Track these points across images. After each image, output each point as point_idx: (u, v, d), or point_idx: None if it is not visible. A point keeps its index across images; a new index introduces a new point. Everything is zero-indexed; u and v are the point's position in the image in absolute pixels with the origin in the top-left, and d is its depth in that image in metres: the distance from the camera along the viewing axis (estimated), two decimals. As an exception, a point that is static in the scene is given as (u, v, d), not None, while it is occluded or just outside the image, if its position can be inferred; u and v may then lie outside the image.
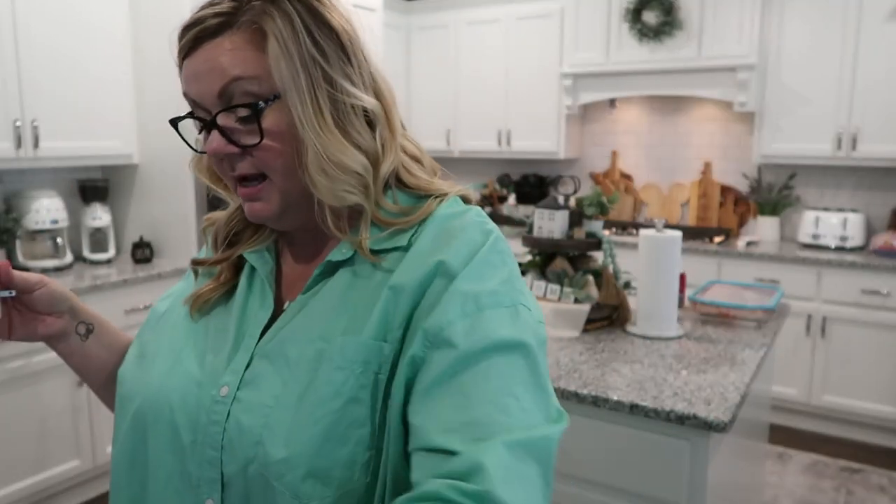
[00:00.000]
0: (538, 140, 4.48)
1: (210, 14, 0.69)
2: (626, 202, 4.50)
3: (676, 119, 4.33)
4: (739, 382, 1.62)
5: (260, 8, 0.68)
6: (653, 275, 1.99)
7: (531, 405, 0.62)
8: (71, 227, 3.20)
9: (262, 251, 0.80)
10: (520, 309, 0.68)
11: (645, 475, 1.55)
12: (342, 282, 0.73)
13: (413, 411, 0.63)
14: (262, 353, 0.73)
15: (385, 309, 0.68)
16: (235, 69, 0.68)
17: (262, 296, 0.78)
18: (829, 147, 3.60)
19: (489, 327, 0.64)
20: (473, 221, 0.73)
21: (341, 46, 0.71)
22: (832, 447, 3.42)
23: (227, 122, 0.70)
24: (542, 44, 4.36)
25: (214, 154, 0.71)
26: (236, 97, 0.69)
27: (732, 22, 3.68)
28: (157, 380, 0.76)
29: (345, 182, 0.70)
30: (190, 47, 0.70)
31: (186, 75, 0.71)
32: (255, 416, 0.68)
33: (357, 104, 0.71)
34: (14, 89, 2.73)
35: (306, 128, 0.68)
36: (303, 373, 0.69)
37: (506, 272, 0.70)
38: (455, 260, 0.68)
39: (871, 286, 3.34)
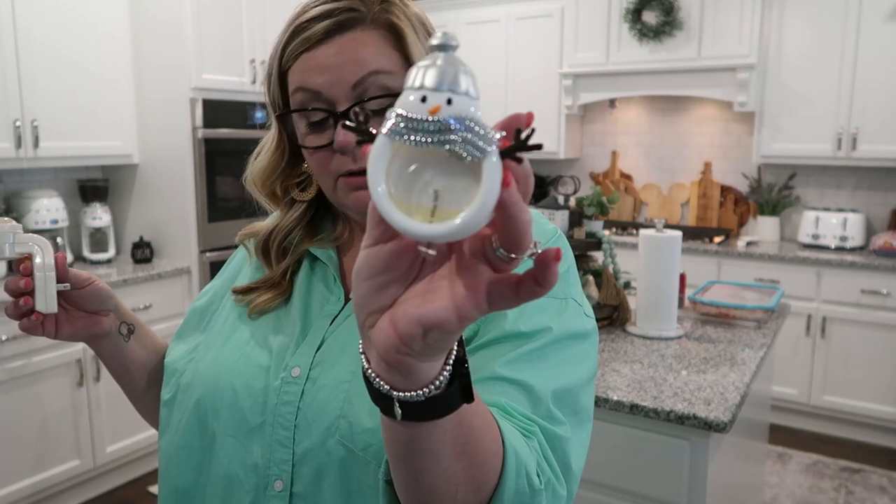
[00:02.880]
0: (538, 140, 4.47)
1: (334, 9, 0.70)
2: (626, 202, 4.50)
3: (676, 119, 4.33)
4: (739, 382, 1.62)
5: (383, 7, 0.71)
6: (653, 275, 1.99)
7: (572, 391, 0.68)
8: (71, 227, 3.20)
9: (328, 249, 0.82)
10: (569, 303, 0.72)
11: (645, 475, 1.55)
12: None
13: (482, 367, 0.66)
14: (332, 336, 0.75)
15: None
16: (374, 62, 0.69)
17: (329, 289, 0.79)
18: (829, 147, 3.60)
19: (536, 314, 0.68)
20: (539, 219, 0.78)
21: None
22: (832, 447, 3.42)
23: (357, 112, 0.71)
24: (542, 44, 4.36)
25: (343, 146, 0.70)
26: (370, 91, 0.70)
27: (732, 22, 3.68)
28: (218, 368, 0.78)
29: None
30: (322, 38, 0.70)
31: (311, 67, 0.70)
32: (333, 392, 0.70)
33: None
34: (14, 89, 2.73)
35: None
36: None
37: (565, 265, 0.74)
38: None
39: (871, 286, 3.34)
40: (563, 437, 0.65)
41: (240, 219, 3.19)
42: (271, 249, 0.83)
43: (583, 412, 0.69)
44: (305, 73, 0.71)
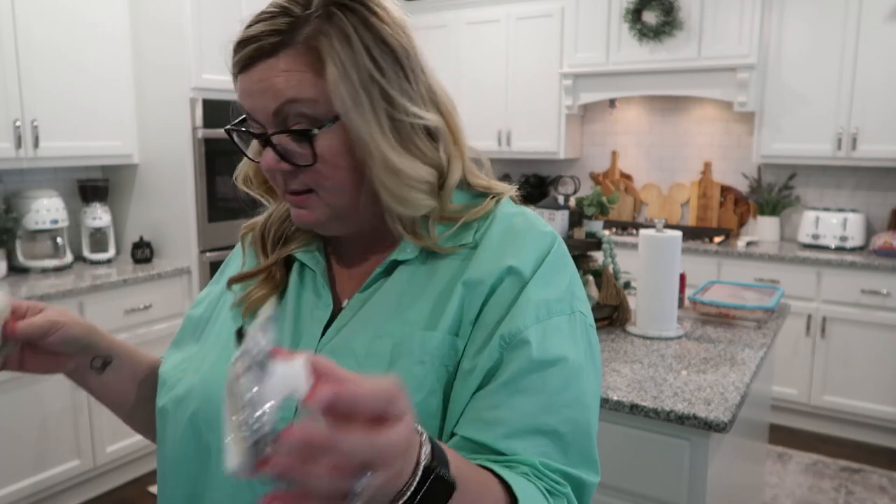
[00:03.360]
0: (538, 140, 4.48)
1: (266, 31, 0.68)
2: (626, 202, 4.50)
3: (676, 119, 4.33)
4: (739, 382, 1.62)
5: (316, 27, 0.68)
6: (653, 275, 1.99)
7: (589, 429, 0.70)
8: (71, 227, 3.20)
9: (314, 252, 0.81)
10: (577, 316, 0.73)
11: (645, 475, 1.55)
12: (402, 279, 0.75)
13: (482, 408, 0.67)
14: (325, 349, 0.74)
15: (461, 304, 0.71)
16: (290, 91, 0.67)
17: (318, 294, 0.78)
18: (829, 147, 3.61)
19: (557, 337, 0.70)
20: (535, 222, 0.78)
21: (398, 62, 0.70)
22: (832, 447, 3.42)
23: (281, 141, 0.70)
24: (542, 44, 4.36)
25: (268, 169, 0.72)
26: (291, 118, 0.69)
27: (732, 22, 3.68)
28: (213, 381, 0.76)
29: (420, 189, 0.72)
30: (245, 64, 0.69)
31: (241, 89, 0.71)
32: None
33: (417, 122, 0.71)
34: (14, 89, 2.73)
35: (372, 148, 0.68)
36: (375, 366, 0.70)
37: (568, 277, 0.75)
38: (526, 265, 0.72)
39: (871, 286, 3.34)
40: (589, 484, 0.69)
41: (239, 219, 3.17)
42: (267, 239, 0.83)
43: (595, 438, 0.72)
44: (240, 94, 0.71)
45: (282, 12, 0.68)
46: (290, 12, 0.68)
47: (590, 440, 0.70)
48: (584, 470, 0.68)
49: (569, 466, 0.67)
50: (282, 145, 0.70)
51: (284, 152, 0.70)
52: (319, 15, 0.68)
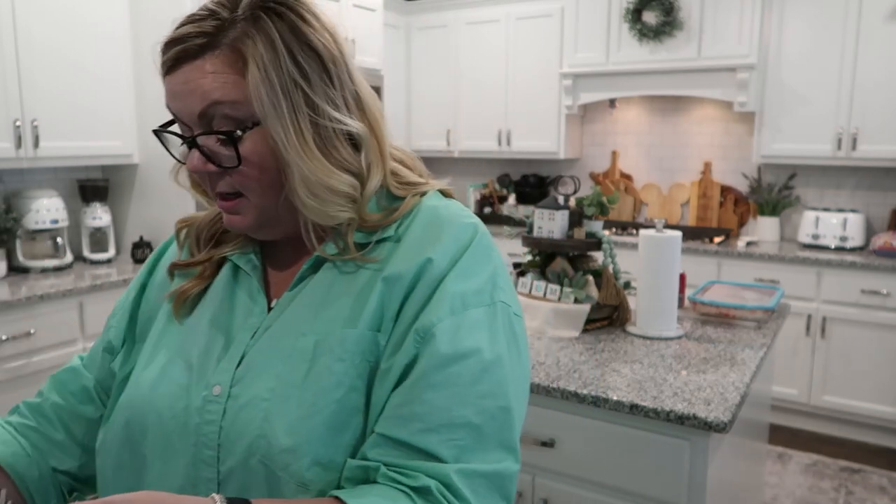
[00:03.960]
0: (538, 140, 4.48)
1: (193, 32, 0.68)
2: (626, 202, 4.50)
3: (676, 119, 4.33)
4: (739, 382, 1.62)
5: (242, 30, 0.68)
6: (653, 275, 1.99)
7: (506, 419, 0.70)
8: (71, 227, 3.20)
9: (249, 254, 0.81)
10: (498, 307, 0.73)
11: (645, 475, 1.55)
12: (327, 277, 0.75)
13: (397, 405, 0.68)
14: (252, 350, 0.74)
15: (381, 300, 0.71)
16: (215, 93, 0.68)
17: (252, 299, 0.79)
18: (829, 147, 3.60)
19: (471, 330, 0.70)
20: (458, 213, 0.77)
21: (324, 68, 0.71)
22: (832, 447, 3.42)
23: (206, 143, 0.70)
24: (542, 44, 4.36)
25: (194, 171, 0.73)
26: (216, 120, 0.69)
27: (732, 22, 3.68)
28: (142, 390, 0.77)
29: (334, 203, 0.72)
30: (171, 65, 0.70)
31: (168, 90, 0.71)
32: (253, 410, 0.70)
33: (340, 128, 0.71)
34: (14, 89, 2.73)
35: (290, 153, 0.69)
36: (298, 365, 0.71)
37: (490, 268, 0.74)
38: (444, 258, 0.72)
39: (871, 286, 3.34)
40: (508, 473, 0.69)
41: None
42: (201, 239, 0.85)
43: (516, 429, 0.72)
44: (167, 95, 0.71)
45: (210, 15, 0.69)
46: (217, 15, 0.69)
47: (509, 429, 0.70)
48: (503, 459, 0.69)
49: (486, 462, 0.67)
50: (207, 147, 0.70)
51: (210, 154, 0.71)
52: (246, 18, 0.68)
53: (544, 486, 1.67)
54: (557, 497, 1.66)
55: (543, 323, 2.00)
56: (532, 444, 1.66)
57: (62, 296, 2.66)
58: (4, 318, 2.50)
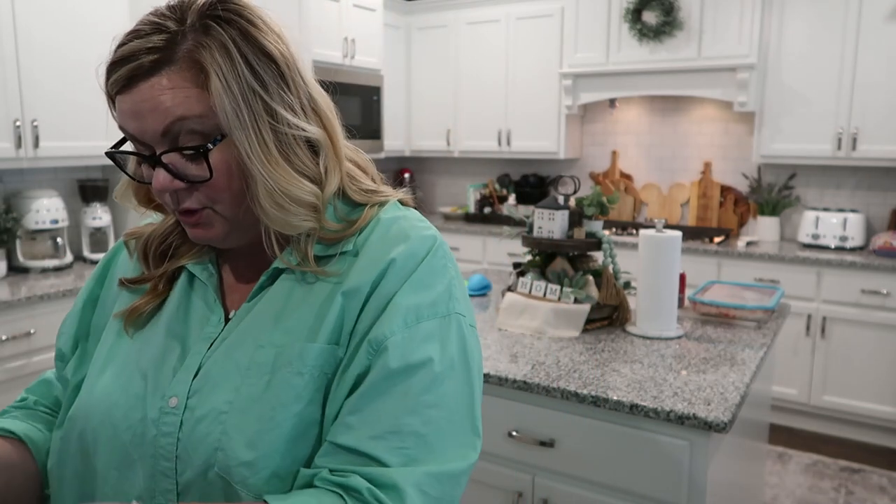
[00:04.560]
0: (538, 140, 4.48)
1: (142, 49, 0.66)
2: (626, 202, 4.50)
3: (676, 119, 4.33)
4: (739, 382, 1.62)
5: (195, 41, 0.66)
6: (653, 275, 1.99)
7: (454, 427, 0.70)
8: (71, 227, 3.20)
9: (206, 263, 0.81)
10: (452, 318, 0.73)
11: (645, 475, 1.55)
12: (285, 288, 0.75)
13: (348, 413, 0.68)
14: (209, 361, 0.73)
15: (340, 314, 0.71)
16: (179, 109, 0.66)
17: (209, 308, 0.78)
18: (829, 147, 3.60)
19: (423, 341, 0.70)
20: (416, 226, 0.76)
21: (279, 73, 0.70)
22: (832, 447, 3.42)
23: (171, 160, 0.69)
24: (542, 44, 4.36)
25: (162, 190, 0.70)
26: (182, 136, 0.68)
27: (732, 22, 3.68)
28: (96, 400, 0.76)
29: (298, 212, 0.71)
30: (124, 84, 0.67)
31: (123, 111, 0.69)
32: (211, 422, 0.69)
33: (299, 134, 0.71)
34: (14, 89, 2.73)
35: (255, 163, 0.68)
36: (257, 377, 0.70)
37: (447, 279, 0.74)
38: (400, 270, 0.72)
39: (871, 286, 3.34)
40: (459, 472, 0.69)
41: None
42: (150, 253, 0.82)
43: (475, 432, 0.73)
44: (121, 116, 0.70)
45: (155, 30, 0.67)
46: (164, 28, 0.67)
47: (458, 435, 0.70)
48: (453, 462, 0.69)
49: (436, 464, 0.67)
50: (173, 164, 0.69)
51: (176, 171, 0.69)
52: (196, 29, 0.67)
53: (544, 486, 1.67)
54: (557, 497, 1.66)
55: (543, 323, 2.00)
56: (532, 444, 1.66)
57: (62, 296, 2.66)
58: (4, 318, 2.50)
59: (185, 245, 0.82)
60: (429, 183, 5.34)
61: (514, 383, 1.65)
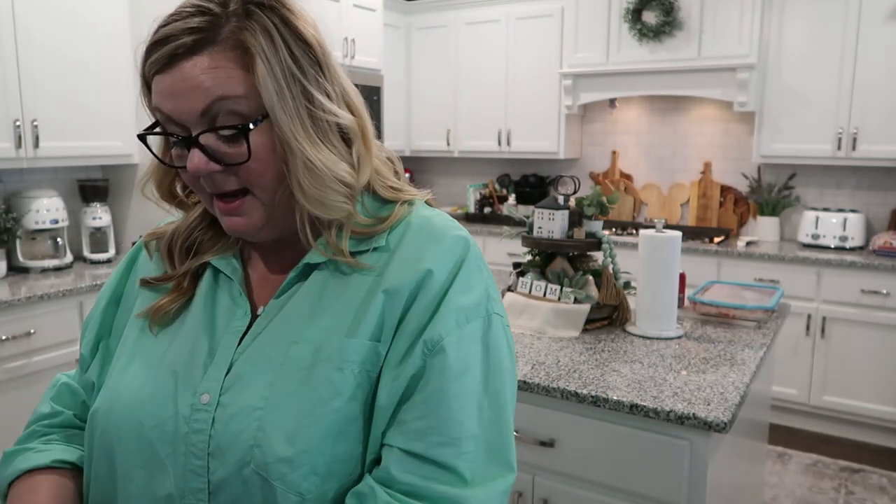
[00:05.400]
0: (538, 140, 4.48)
1: (183, 29, 0.67)
2: (626, 202, 4.50)
3: (676, 119, 4.33)
4: (739, 382, 1.62)
5: (238, 23, 0.67)
6: (653, 275, 1.99)
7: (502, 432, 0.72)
8: (71, 227, 3.20)
9: (230, 258, 0.80)
10: (493, 318, 0.74)
11: (645, 475, 1.55)
12: (317, 284, 0.74)
13: (412, 418, 0.68)
14: (241, 358, 0.73)
15: (382, 311, 0.71)
16: (220, 88, 0.66)
17: (235, 302, 0.77)
18: (829, 147, 3.60)
19: (472, 343, 0.71)
20: (449, 226, 0.77)
21: (316, 60, 0.70)
22: (832, 447, 3.42)
23: (208, 141, 0.68)
24: (542, 44, 4.36)
25: (197, 173, 0.69)
26: (221, 116, 0.67)
27: (732, 22, 3.68)
28: (121, 397, 0.75)
29: (336, 192, 0.71)
30: (165, 63, 0.67)
31: (160, 90, 0.68)
32: (246, 419, 0.68)
33: (333, 120, 0.71)
34: (14, 89, 2.73)
35: (299, 143, 0.68)
36: (293, 373, 0.70)
37: (484, 281, 0.76)
38: (444, 270, 0.72)
39: (871, 286, 3.34)
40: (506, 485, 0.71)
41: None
42: (175, 251, 0.82)
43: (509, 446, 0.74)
44: (158, 96, 0.68)
45: (198, 11, 0.67)
46: (207, 11, 0.67)
47: (507, 440, 0.72)
48: (501, 471, 0.71)
49: (489, 467, 0.69)
50: (209, 146, 0.68)
51: (213, 153, 0.68)
52: (239, 13, 0.67)
53: (544, 486, 1.67)
54: (557, 497, 1.66)
55: (543, 323, 2.00)
56: (532, 444, 1.66)
57: (62, 296, 2.66)
58: (4, 318, 2.50)
59: (210, 240, 0.81)
60: (429, 183, 5.34)
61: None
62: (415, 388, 0.69)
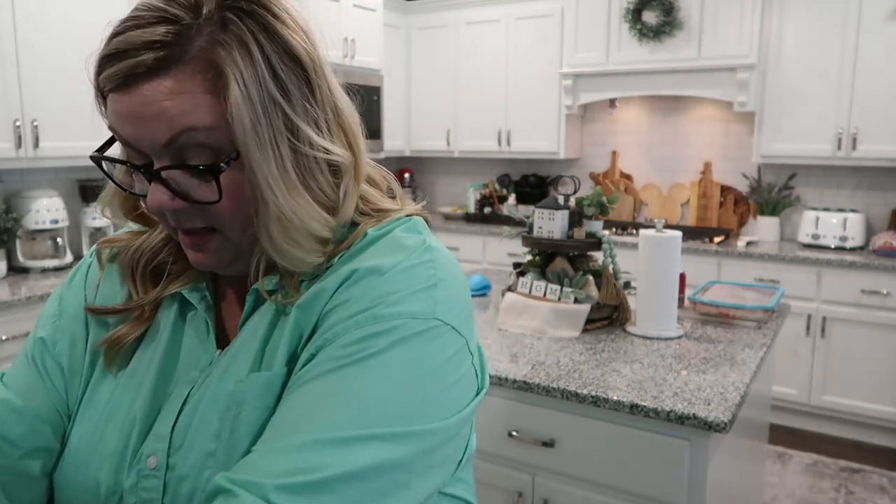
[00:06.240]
0: (538, 140, 4.48)
1: (144, 42, 0.55)
2: (626, 202, 4.50)
3: (676, 119, 4.33)
4: (739, 382, 1.62)
5: (210, 36, 0.55)
6: (653, 275, 1.99)
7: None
8: (71, 227, 3.20)
9: (203, 290, 0.69)
10: (432, 323, 0.61)
11: (645, 475, 1.55)
12: (268, 315, 0.65)
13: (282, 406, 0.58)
14: (189, 407, 0.63)
15: (294, 328, 0.61)
16: (186, 118, 0.55)
17: (202, 345, 0.67)
18: (829, 147, 3.60)
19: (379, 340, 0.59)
20: (399, 235, 0.66)
21: (305, 79, 0.60)
22: (832, 447, 3.42)
23: (172, 174, 0.58)
24: (542, 44, 4.36)
25: (157, 209, 0.59)
26: (189, 150, 0.57)
27: (732, 22, 3.68)
28: (72, 458, 0.66)
29: (309, 248, 0.62)
30: (121, 83, 0.56)
31: (118, 112, 0.57)
32: (197, 479, 0.60)
33: (322, 157, 0.61)
34: (14, 89, 2.73)
35: (271, 189, 0.58)
36: (228, 421, 0.61)
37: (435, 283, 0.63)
38: (368, 273, 0.61)
39: (871, 286, 3.34)
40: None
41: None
42: (137, 273, 0.70)
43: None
44: (114, 117, 0.58)
45: (162, 18, 0.56)
46: (174, 18, 0.56)
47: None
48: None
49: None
50: (174, 180, 0.58)
51: (178, 188, 0.58)
52: (213, 21, 0.56)
53: (544, 486, 1.67)
54: (557, 497, 1.66)
55: (543, 323, 2.00)
56: (532, 444, 1.66)
57: (62, 296, 2.66)
58: (4, 318, 2.50)
59: (180, 263, 0.71)
60: (429, 183, 5.34)
61: (514, 383, 1.65)
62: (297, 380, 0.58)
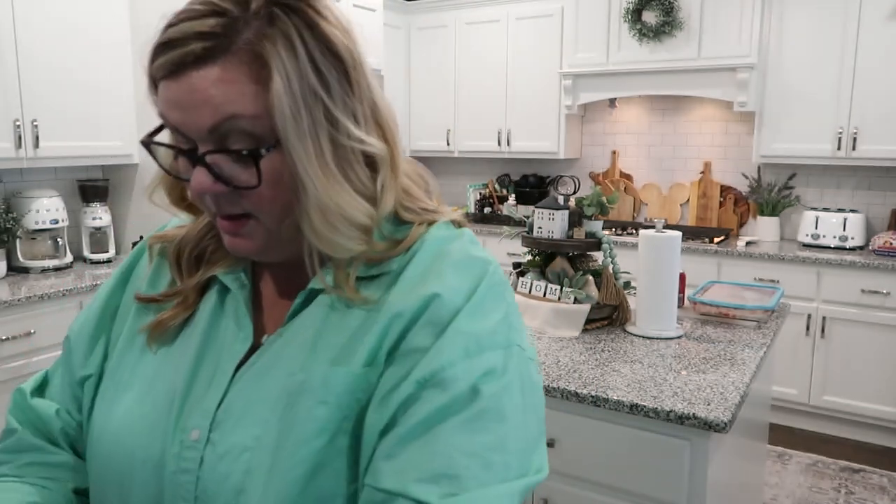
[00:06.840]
0: (538, 140, 4.48)
1: (194, 33, 0.58)
2: (626, 202, 4.50)
3: (676, 119, 4.33)
4: (739, 382, 1.62)
5: (257, 30, 0.58)
6: (653, 275, 1.99)
7: (514, 460, 0.61)
8: (71, 227, 3.20)
9: (239, 273, 0.72)
10: (514, 350, 0.65)
11: (645, 475, 1.55)
12: (321, 310, 0.67)
13: (389, 452, 0.59)
14: (236, 389, 0.66)
15: (379, 336, 0.63)
16: (231, 106, 0.58)
17: (238, 325, 0.70)
18: (828, 147, 3.60)
19: (486, 375, 0.62)
20: (467, 247, 0.70)
21: (345, 74, 0.62)
22: (832, 447, 3.42)
23: (216, 160, 0.61)
24: (542, 44, 4.36)
25: (200, 192, 0.62)
26: (232, 136, 0.60)
27: (732, 22, 3.68)
28: (111, 429, 0.69)
29: (350, 235, 0.64)
30: (171, 70, 0.60)
31: (167, 98, 0.62)
32: (235, 460, 0.62)
33: (359, 148, 0.63)
34: (14, 89, 2.73)
35: (310, 176, 0.60)
36: (282, 409, 0.63)
37: (504, 307, 0.67)
38: (453, 294, 0.64)
39: (871, 286, 3.34)
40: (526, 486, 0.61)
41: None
42: (183, 261, 0.74)
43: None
44: (164, 104, 0.62)
45: (212, 11, 0.59)
46: (224, 12, 0.59)
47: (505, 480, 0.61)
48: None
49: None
50: (217, 165, 0.61)
51: (220, 173, 0.61)
52: (261, 16, 0.59)
53: (544, 486, 1.67)
54: (557, 497, 1.66)
55: (543, 323, 2.00)
56: (532, 444, 1.66)
57: (62, 296, 2.66)
58: (4, 318, 2.50)
59: (220, 250, 0.73)
60: (429, 183, 5.33)
61: (514, 383, 1.64)
62: (401, 417, 0.60)
